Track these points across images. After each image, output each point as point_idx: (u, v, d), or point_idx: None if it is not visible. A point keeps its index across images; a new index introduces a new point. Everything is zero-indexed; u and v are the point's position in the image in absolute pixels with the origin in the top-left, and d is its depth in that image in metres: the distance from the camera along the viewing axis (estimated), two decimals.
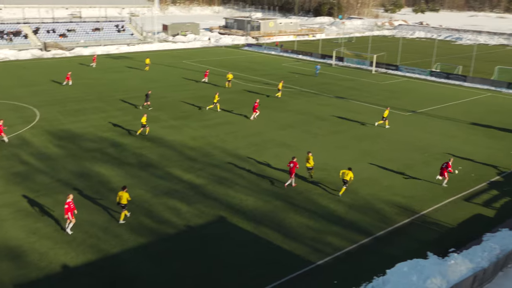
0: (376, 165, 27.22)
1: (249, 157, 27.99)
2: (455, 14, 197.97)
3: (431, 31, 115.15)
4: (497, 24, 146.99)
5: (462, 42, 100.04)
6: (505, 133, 34.18)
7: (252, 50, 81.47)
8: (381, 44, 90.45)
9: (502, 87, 50.40)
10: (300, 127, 34.44)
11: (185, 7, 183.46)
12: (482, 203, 22.83)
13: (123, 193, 20.05)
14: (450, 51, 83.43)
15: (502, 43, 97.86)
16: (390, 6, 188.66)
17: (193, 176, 25.12)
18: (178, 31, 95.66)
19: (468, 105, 42.96)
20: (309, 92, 46.12)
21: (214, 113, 37.74)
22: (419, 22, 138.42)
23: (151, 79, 51.72)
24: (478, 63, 63.85)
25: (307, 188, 23.88)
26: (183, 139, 31.16)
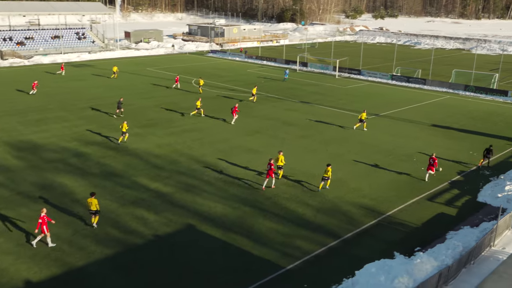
0: (343, 168, 27.61)
1: (216, 164, 27.86)
2: (413, 20, 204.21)
3: (391, 36, 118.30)
4: (453, 29, 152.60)
5: (421, 47, 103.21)
6: (464, 134, 35.40)
7: (217, 56, 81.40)
8: (343, 49, 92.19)
9: (459, 90, 52.26)
10: (267, 132, 34.58)
11: (148, 14, 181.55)
12: (444, 202, 23.52)
13: (92, 200, 19.85)
14: (409, 55, 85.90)
15: (458, 47, 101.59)
16: (351, 12, 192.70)
17: (160, 184, 24.77)
18: (141, 38, 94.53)
19: (428, 107, 44.27)
20: (275, 98, 46.43)
21: (180, 120, 37.44)
22: (379, 27, 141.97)
23: (115, 87, 50.83)
24: (436, 66, 65.99)
25: (276, 193, 23.96)
26: (149, 147, 30.72)
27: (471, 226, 20.71)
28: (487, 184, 25.66)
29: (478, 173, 27.51)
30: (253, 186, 24.70)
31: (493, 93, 49.99)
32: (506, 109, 44.01)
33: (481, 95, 50.22)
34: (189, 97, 46.33)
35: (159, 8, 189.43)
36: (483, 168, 28.18)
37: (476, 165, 28.56)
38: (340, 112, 41.18)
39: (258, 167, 27.41)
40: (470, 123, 38.60)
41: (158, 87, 51.13)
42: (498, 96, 49.36)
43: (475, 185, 25.72)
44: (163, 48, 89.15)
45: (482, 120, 39.70)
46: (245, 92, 49.27)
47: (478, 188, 25.31)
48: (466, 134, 35.32)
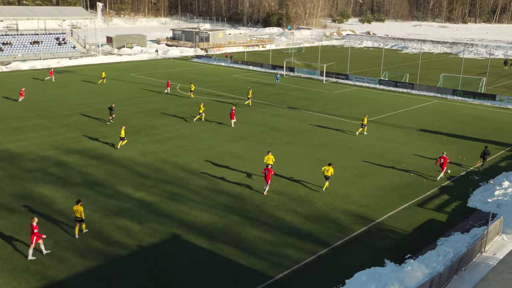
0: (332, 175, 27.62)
1: (202, 172, 27.73)
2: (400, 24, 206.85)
3: (378, 40, 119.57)
4: (440, 33, 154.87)
5: (408, 51, 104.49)
6: (452, 138, 35.80)
7: (202, 61, 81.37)
8: (330, 54, 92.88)
9: (447, 94, 52.93)
10: (254, 139, 34.57)
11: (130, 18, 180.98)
12: (434, 208, 23.70)
13: (78, 207, 19.82)
14: (397, 59, 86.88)
15: (445, 51, 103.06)
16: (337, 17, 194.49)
17: (144, 193, 24.55)
18: (123, 43, 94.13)
19: (416, 112, 44.73)
20: (262, 103, 46.49)
21: (165, 127, 37.27)
22: (366, 32, 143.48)
23: (97, 94, 50.43)
24: (423, 71, 66.81)
25: (263, 201, 23.91)
26: (133, 155, 30.47)
27: (462, 232, 20.88)
28: (476, 189, 25.94)
29: (467, 178, 27.81)
30: (240, 194, 24.62)
31: (481, 97, 50.74)
32: (494, 113, 44.68)
33: (469, 99, 50.93)
34: (173, 103, 46.16)
35: (142, 13, 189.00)
36: (475, 172, 28.49)
37: (466, 170, 28.89)
38: (327, 118, 41.38)
39: (245, 174, 27.34)
40: (459, 127, 39.07)
41: (141, 93, 50.86)
42: (486, 100, 50.12)
43: (464, 190, 25.99)
44: (147, 53, 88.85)
45: (470, 124, 40.23)
46: (231, 98, 49.26)
47: (468, 193, 25.57)
48: (455, 138, 35.73)
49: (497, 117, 43.13)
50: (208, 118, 39.96)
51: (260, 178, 26.76)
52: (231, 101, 47.11)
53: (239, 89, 54.33)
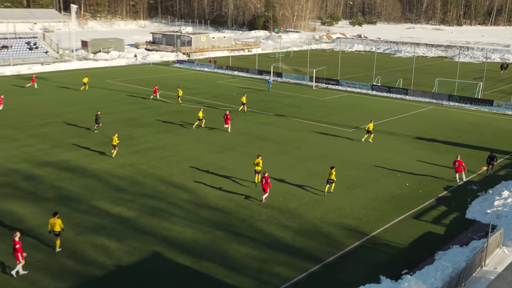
0: (323, 186, 27.70)
1: (185, 184, 27.59)
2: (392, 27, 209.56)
3: (369, 44, 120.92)
4: (434, 36, 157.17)
5: (401, 55, 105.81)
6: (449, 146, 36.19)
7: (184, 67, 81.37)
8: (320, 58, 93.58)
9: (443, 100, 53.60)
10: (240, 149, 34.54)
11: (107, 21, 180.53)
12: (431, 220, 23.85)
13: (55, 220, 19.74)
14: (389, 64, 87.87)
15: (440, 55, 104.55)
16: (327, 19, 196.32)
17: (122, 208, 24.32)
18: (99, 48, 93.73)
19: (411, 119, 45.18)
20: (248, 111, 46.53)
21: (144, 137, 37.08)
22: (358, 35, 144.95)
23: (71, 102, 50.05)
24: (418, 75, 67.63)
25: (251, 215, 23.84)
26: (110, 168, 30.22)
27: (461, 245, 21.03)
28: (475, 200, 26.19)
29: (465, 188, 28.08)
30: (226, 208, 24.52)
31: (478, 103, 51.48)
32: (492, 120, 45.32)
33: (466, 105, 51.64)
34: (153, 111, 45.98)
35: (119, 15, 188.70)
36: (474, 181, 28.78)
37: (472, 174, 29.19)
38: (318, 125, 41.56)
39: (231, 187, 27.28)
40: (456, 135, 39.53)
41: (118, 101, 50.61)
42: (483, 106, 50.84)
43: (463, 201, 26.22)
44: (125, 58, 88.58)
45: (468, 131, 40.74)
46: (215, 105, 49.25)
47: (466, 204, 25.80)
48: (452, 146, 36.11)
49: (494, 124, 43.75)
50: (184, 127, 39.86)
51: (248, 190, 26.72)
52: (216, 108, 47.05)
53: (224, 96, 54.36)
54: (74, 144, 35.10)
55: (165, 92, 54.79)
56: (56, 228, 19.91)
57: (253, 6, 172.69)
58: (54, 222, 19.89)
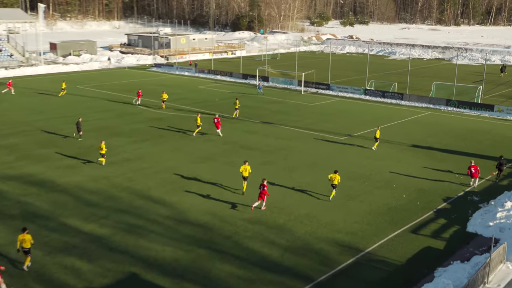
0: (314, 198, 27.78)
1: (163, 199, 27.44)
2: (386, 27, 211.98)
3: (362, 45, 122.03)
4: (430, 36, 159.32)
5: (396, 57, 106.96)
6: (448, 154, 36.55)
7: (162, 71, 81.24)
8: (309, 60, 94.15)
9: (441, 105, 54.22)
10: (224, 159, 34.49)
11: (78, 22, 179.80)
12: (430, 234, 24.00)
13: (25, 236, 19.74)
14: (383, 66, 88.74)
15: (437, 57, 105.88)
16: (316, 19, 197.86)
17: (95, 225, 24.09)
18: (70, 51, 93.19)
19: (407, 125, 45.59)
20: (232, 118, 46.56)
21: (119, 148, 36.86)
22: (349, 36, 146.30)
23: (40, 110, 49.62)
24: (413, 79, 68.36)
25: (236, 231, 23.76)
26: (81, 181, 29.96)
27: (462, 261, 21.17)
28: (476, 212, 26.44)
29: (465, 199, 28.35)
30: (209, 224, 24.42)
31: (478, 108, 52.17)
32: (493, 126, 45.92)
33: (465, 110, 52.28)
34: (129, 119, 45.76)
35: (91, 15, 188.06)
36: (474, 192, 29.07)
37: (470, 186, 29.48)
38: (307, 133, 41.71)
39: (214, 201, 27.19)
40: (455, 142, 39.96)
41: (91, 109, 50.29)
42: (483, 111, 51.52)
43: (463, 213, 26.45)
44: (97, 62, 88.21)
45: (467, 138, 41.20)
46: (197, 112, 49.17)
47: (467, 216, 26.03)
48: (450, 154, 36.48)
49: (495, 130, 44.33)
50: (162, 136, 39.78)
51: (233, 204, 26.64)
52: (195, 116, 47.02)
53: (206, 102, 54.33)
54: (41, 155, 34.74)
55: (142, 99, 54.50)
56: (26, 244, 19.83)
57: (236, 5, 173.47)
58: (23, 238, 19.85)
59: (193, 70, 78.80)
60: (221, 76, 74.37)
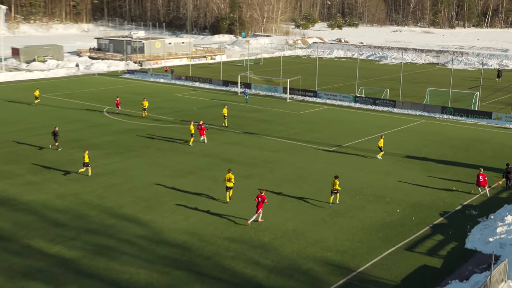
0: (301, 214, 27.80)
1: (138, 217, 27.26)
2: (377, 30, 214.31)
3: (351, 49, 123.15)
4: (424, 39, 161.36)
5: (387, 61, 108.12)
6: (444, 165, 36.92)
7: (135, 78, 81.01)
8: (294, 66, 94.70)
9: (435, 112, 54.84)
10: (204, 173, 34.42)
11: (43, 25, 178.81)
12: (426, 251, 24.15)
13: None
14: (374, 72, 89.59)
15: (431, 62, 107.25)
16: (301, 21, 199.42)
17: (62, 247, 23.82)
18: (34, 56, 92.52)
19: (400, 135, 45.99)
20: (213, 128, 46.53)
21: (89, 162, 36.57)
22: (337, 39, 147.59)
23: (1, 122, 49.07)
24: (406, 85, 69.09)
25: (217, 251, 23.67)
26: (47, 199, 29.66)
27: (460, 280, 21.31)
28: (475, 227, 26.69)
29: (464, 213, 28.62)
30: (187, 244, 24.30)
31: (475, 116, 52.86)
32: (491, 134, 46.55)
33: (462, 118, 52.94)
34: (100, 130, 45.49)
35: (57, 18, 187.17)
36: (473, 205, 29.37)
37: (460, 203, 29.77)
38: (293, 144, 41.84)
39: (193, 218, 27.09)
40: (451, 152, 40.38)
41: (58, 120, 49.86)
42: (481, 119, 52.22)
43: (461, 228, 26.69)
44: (65, 68, 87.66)
45: (464, 148, 41.69)
46: (175, 122, 49.09)
47: (466, 232, 26.26)
48: (447, 166, 36.84)
49: (494, 139, 44.92)
50: (146, 147, 39.63)
51: (214, 221, 26.56)
52: (174, 126, 46.90)
53: (183, 111, 54.26)
54: (4, 171, 34.32)
55: (113, 108, 54.28)
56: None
57: (216, 7, 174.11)
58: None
59: (169, 77, 78.68)
60: (200, 83, 74.38)
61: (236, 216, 27.36)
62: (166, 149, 39.85)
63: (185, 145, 40.94)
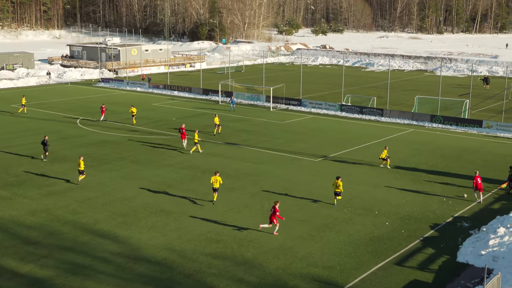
0: (287, 228, 27.83)
1: (114, 233, 27.09)
2: (362, 35, 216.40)
3: (336, 56, 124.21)
4: (411, 45, 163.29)
5: (374, 68, 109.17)
6: (435, 176, 37.24)
7: (111, 86, 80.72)
8: (278, 73, 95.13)
9: (424, 121, 55.41)
10: (183, 186, 34.34)
11: (12, 31, 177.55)
12: (417, 266, 24.30)
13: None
14: (360, 79, 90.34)
15: (419, 68, 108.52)
16: (284, 27, 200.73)
17: (34, 266, 23.56)
18: (2, 64, 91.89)
19: (388, 144, 46.26)
20: (192, 139, 46.43)
21: (61, 175, 36.32)
22: (322, 45, 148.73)
23: None
24: (394, 93, 69.80)
25: (198, 268, 23.58)
26: (17, 215, 29.35)
27: None
28: (467, 239, 26.94)
29: (455, 225, 28.88)
30: (167, 261, 24.18)
31: (465, 124, 53.51)
32: (482, 143, 47.13)
33: (451, 126, 53.55)
34: (73, 142, 45.19)
35: (27, 24, 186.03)
36: (465, 217, 29.65)
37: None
38: (277, 155, 41.94)
39: (172, 234, 26.98)
40: (441, 162, 40.80)
41: (28, 131, 49.48)
42: (471, 127, 52.87)
43: (452, 241, 26.92)
44: (35, 77, 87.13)
45: (455, 158, 42.13)
46: (152, 133, 48.97)
47: (457, 245, 26.49)
48: (437, 176, 37.18)
49: (485, 148, 45.48)
50: (122, 159, 39.47)
51: (195, 237, 26.48)
52: (152, 137, 46.78)
53: (161, 121, 54.14)
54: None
55: (86, 119, 54.00)
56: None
57: (195, 12, 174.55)
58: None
59: (146, 86, 78.55)
60: (179, 91, 74.36)
61: (216, 232, 27.30)
62: (142, 161, 39.69)
63: (164, 156, 40.82)
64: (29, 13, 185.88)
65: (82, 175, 34.55)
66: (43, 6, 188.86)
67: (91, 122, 52.78)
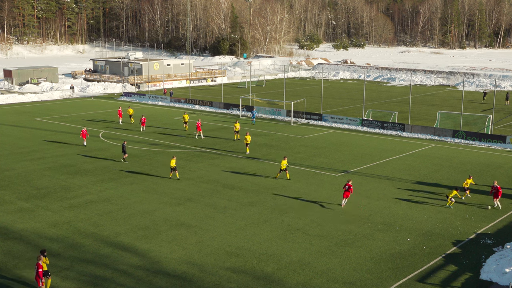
0: (307, 244, 27.70)
1: (135, 246, 27.20)
2: (384, 50, 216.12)
3: (357, 70, 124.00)
4: (433, 60, 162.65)
5: (395, 83, 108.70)
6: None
7: (133, 100, 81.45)
8: (299, 88, 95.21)
9: (447, 136, 54.93)
10: (203, 200, 34.40)
11: (37, 46, 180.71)
12: (439, 283, 24.00)
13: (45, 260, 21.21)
14: (382, 94, 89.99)
15: (441, 83, 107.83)
16: (305, 42, 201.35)
17: (56, 278, 23.72)
18: (27, 79, 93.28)
19: (410, 160, 46.01)
20: (212, 153, 46.64)
21: (83, 188, 36.63)
22: (343, 60, 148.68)
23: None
24: (416, 107, 69.41)
25: (218, 282, 23.54)
26: (39, 227, 29.62)
27: None
28: (490, 257, 26.55)
29: (478, 242, 28.49)
30: (187, 275, 24.18)
31: (488, 139, 52.90)
32: (506, 159, 46.53)
33: (474, 142, 52.98)
34: (95, 155, 45.56)
35: (52, 39, 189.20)
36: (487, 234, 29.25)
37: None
38: (298, 170, 41.86)
39: (192, 248, 27.00)
40: (464, 178, 40.28)
41: (50, 144, 50.06)
42: (494, 143, 52.25)
43: (475, 258, 26.55)
44: (59, 91, 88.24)
45: (478, 173, 41.64)
46: (172, 146, 49.23)
47: (480, 262, 26.12)
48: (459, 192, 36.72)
49: (509, 164, 44.90)
50: (143, 173, 39.69)
51: (215, 251, 26.48)
52: (172, 150, 47.03)
53: (183, 135, 54.39)
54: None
55: (108, 132, 54.49)
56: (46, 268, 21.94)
57: (216, 27, 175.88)
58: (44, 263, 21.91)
59: (168, 100, 79.11)
60: (200, 105, 74.76)
61: (236, 246, 27.27)
62: (163, 175, 39.87)
63: (184, 170, 40.97)
64: (54, 28, 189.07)
65: (174, 171, 38.52)
66: (68, 21, 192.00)
67: (113, 135, 53.20)
